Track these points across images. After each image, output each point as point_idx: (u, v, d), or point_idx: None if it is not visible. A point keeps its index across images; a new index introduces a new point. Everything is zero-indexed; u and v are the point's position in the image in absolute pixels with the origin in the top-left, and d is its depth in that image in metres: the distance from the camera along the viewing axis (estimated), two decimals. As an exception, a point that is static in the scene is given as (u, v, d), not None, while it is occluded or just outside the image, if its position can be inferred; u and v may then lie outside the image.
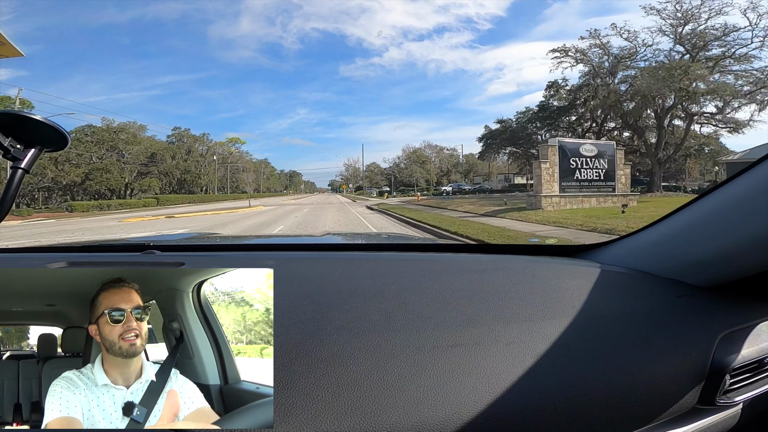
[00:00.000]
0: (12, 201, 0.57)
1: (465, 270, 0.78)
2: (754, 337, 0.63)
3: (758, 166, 0.57)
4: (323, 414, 0.43)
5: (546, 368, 0.51)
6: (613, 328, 0.59)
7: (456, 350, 0.52)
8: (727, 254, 0.61)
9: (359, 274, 0.75)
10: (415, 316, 0.58)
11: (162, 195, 36.51)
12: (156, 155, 39.52)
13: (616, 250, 0.84)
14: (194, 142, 46.61)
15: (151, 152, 39.07)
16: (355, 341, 0.52)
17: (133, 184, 37.48)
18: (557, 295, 0.66)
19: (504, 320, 0.58)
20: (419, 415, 0.45)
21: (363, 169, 62.91)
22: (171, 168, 41.40)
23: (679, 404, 0.56)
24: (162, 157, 40.21)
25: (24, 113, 0.55)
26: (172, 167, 41.48)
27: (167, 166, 40.77)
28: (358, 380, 0.46)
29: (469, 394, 0.47)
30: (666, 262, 0.71)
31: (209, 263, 0.85)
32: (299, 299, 0.62)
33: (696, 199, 0.68)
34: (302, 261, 0.86)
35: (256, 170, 57.77)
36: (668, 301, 0.66)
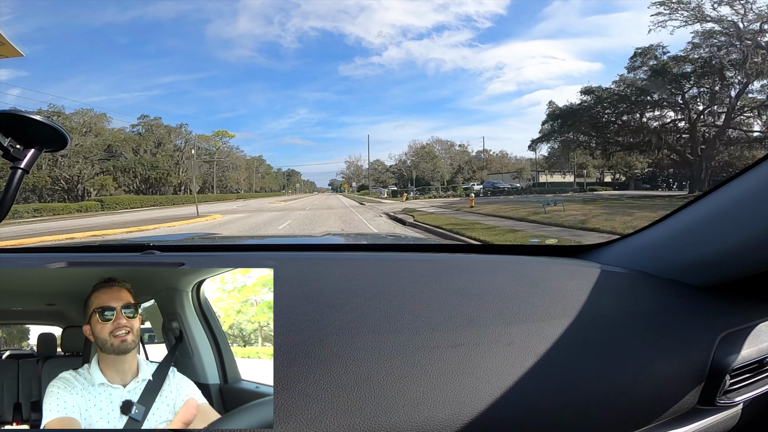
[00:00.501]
0: (12, 201, 0.57)
1: (465, 270, 0.78)
2: (754, 337, 0.63)
3: (758, 167, 0.57)
4: (323, 414, 0.43)
5: (546, 369, 0.51)
6: (613, 328, 0.59)
7: (456, 351, 0.52)
8: (727, 254, 0.61)
9: (359, 274, 0.75)
10: (415, 316, 0.58)
11: (115, 196, 30.12)
12: (113, 148, 32.89)
13: (616, 250, 0.84)
14: (167, 134, 38.64)
15: (108, 144, 32.36)
16: (355, 341, 0.52)
17: (85, 183, 31.13)
18: (557, 296, 0.66)
19: (504, 321, 0.58)
20: (420, 416, 0.44)
21: (368, 165, 55.74)
22: (131, 164, 34.16)
23: (679, 405, 0.56)
24: (121, 150, 33.65)
25: (24, 113, 0.55)
26: (132, 163, 34.31)
27: (129, 162, 33.90)
28: (358, 381, 0.46)
29: (470, 394, 0.47)
30: (666, 263, 0.71)
31: (209, 263, 0.85)
32: (299, 299, 0.62)
33: (696, 200, 0.68)
34: (302, 261, 0.86)
35: (248, 168, 51.95)
36: (668, 301, 0.66)
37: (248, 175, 51.84)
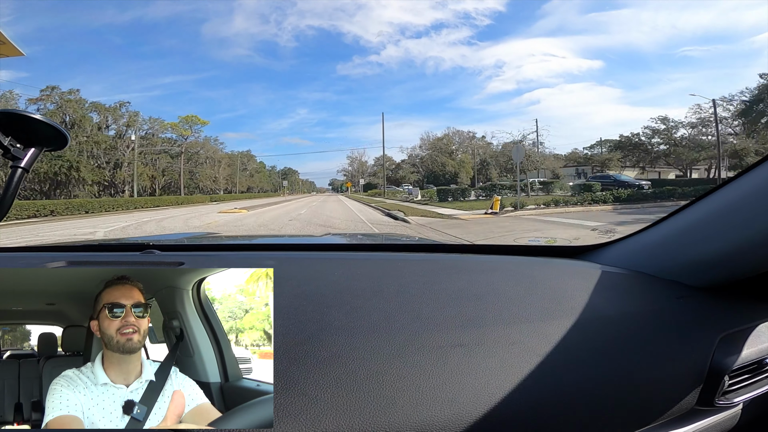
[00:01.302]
0: (12, 200, 0.57)
1: (465, 270, 0.78)
2: (753, 338, 0.63)
3: (757, 168, 0.57)
4: (323, 414, 0.43)
5: (546, 369, 0.51)
6: (613, 329, 0.59)
7: (456, 351, 0.52)
8: (726, 255, 0.62)
9: (359, 274, 0.75)
10: (415, 316, 0.58)
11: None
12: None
13: (616, 251, 0.84)
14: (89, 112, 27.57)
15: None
16: (355, 341, 0.52)
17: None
18: (557, 296, 0.66)
19: (504, 321, 0.58)
20: (419, 416, 0.45)
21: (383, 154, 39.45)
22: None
23: (678, 405, 0.56)
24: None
25: (24, 113, 0.55)
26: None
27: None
28: (358, 381, 0.46)
29: (470, 394, 0.47)
30: (666, 263, 0.71)
31: (209, 263, 0.85)
32: (299, 299, 0.62)
33: (696, 201, 0.68)
34: (302, 261, 0.86)
35: (231, 164, 41.97)
36: (668, 302, 0.66)
37: (231, 172, 42.23)
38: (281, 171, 77.71)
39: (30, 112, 0.56)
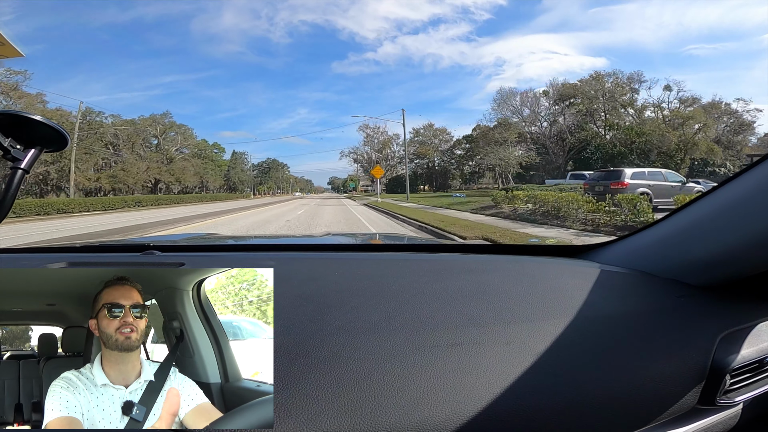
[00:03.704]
0: (12, 201, 0.57)
1: (465, 270, 0.78)
2: (754, 337, 0.63)
3: (758, 167, 0.57)
4: (323, 414, 0.43)
5: (546, 368, 0.51)
6: (613, 328, 0.59)
7: (456, 350, 0.52)
8: (727, 254, 0.61)
9: (359, 274, 0.75)
10: (415, 316, 0.58)
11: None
12: None
13: (616, 250, 0.84)
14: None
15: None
16: (355, 341, 0.52)
17: None
18: (557, 296, 0.66)
19: (504, 320, 0.58)
20: (419, 415, 0.45)
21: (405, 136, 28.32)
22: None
23: (679, 404, 0.56)
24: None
25: (24, 113, 0.55)
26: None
27: None
28: (358, 380, 0.46)
29: (469, 394, 0.47)
30: (666, 263, 0.71)
31: (209, 263, 0.85)
32: (299, 299, 0.62)
33: (696, 200, 0.68)
34: (302, 261, 0.86)
35: (204, 156, 33.74)
36: (668, 301, 0.66)
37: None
38: (262, 164, 63.33)
39: (30, 113, 0.56)
